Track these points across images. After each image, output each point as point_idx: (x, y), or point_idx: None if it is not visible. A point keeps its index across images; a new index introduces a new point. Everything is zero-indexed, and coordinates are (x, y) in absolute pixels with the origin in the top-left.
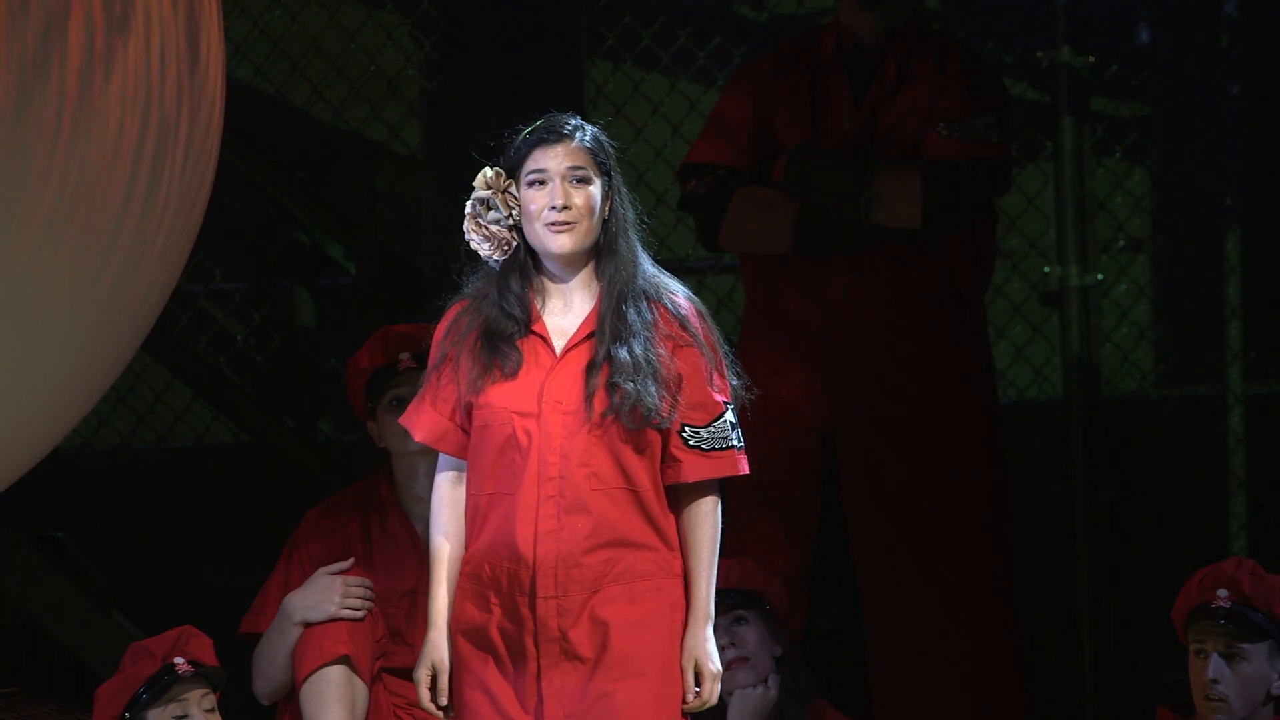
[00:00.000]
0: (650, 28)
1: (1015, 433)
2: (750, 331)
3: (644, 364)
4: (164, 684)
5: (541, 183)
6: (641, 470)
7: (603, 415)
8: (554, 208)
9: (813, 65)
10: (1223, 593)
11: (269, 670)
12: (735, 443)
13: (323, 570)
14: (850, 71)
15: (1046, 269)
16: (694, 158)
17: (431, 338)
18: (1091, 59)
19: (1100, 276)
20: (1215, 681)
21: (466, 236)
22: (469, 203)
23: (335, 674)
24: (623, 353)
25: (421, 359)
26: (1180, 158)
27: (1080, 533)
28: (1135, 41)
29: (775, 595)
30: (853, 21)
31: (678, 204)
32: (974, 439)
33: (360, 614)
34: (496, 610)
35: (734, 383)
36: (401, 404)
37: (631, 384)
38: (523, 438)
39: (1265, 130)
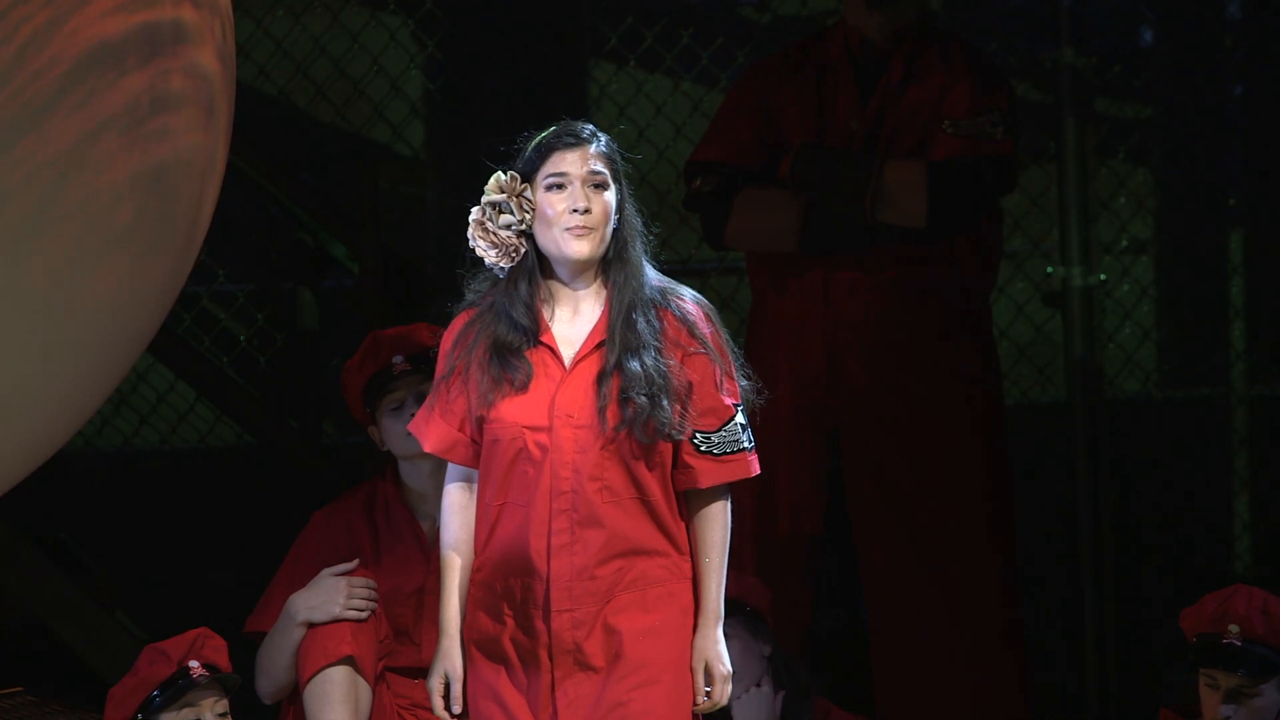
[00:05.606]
0: (653, 28)
1: (1018, 433)
2: (755, 330)
3: (655, 376)
4: (178, 688)
5: (561, 186)
6: (653, 480)
7: (615, 429)
8: (575, 210)
9: (819, 65)
10: (1234, 629)
11: (272, 670)
12: (746, 444)
13: (327, 571)
14: (857, 71)
15: (1050, 269)
16: (699, 155)
17: (425, 337)
18: (1095, 60)
19: (1103, 277)
20: (1229, 718)
21: (471, 243)
22: (477, 208)
23: (339, 674)
24: (634, 365)
25: (415, 361)
26: (1183, 158)
27: (1083, 533)
28: (1138, 42)
29: (753, 596)
30: (860, 22)
31: (682, 202)
32: (978, 438)
33: (364, 615)
34: (509, 622)
35: (743, 383)
36: (400, 408)
37: (644, 398)
38: (535, 451)
39: (1268, 131)
